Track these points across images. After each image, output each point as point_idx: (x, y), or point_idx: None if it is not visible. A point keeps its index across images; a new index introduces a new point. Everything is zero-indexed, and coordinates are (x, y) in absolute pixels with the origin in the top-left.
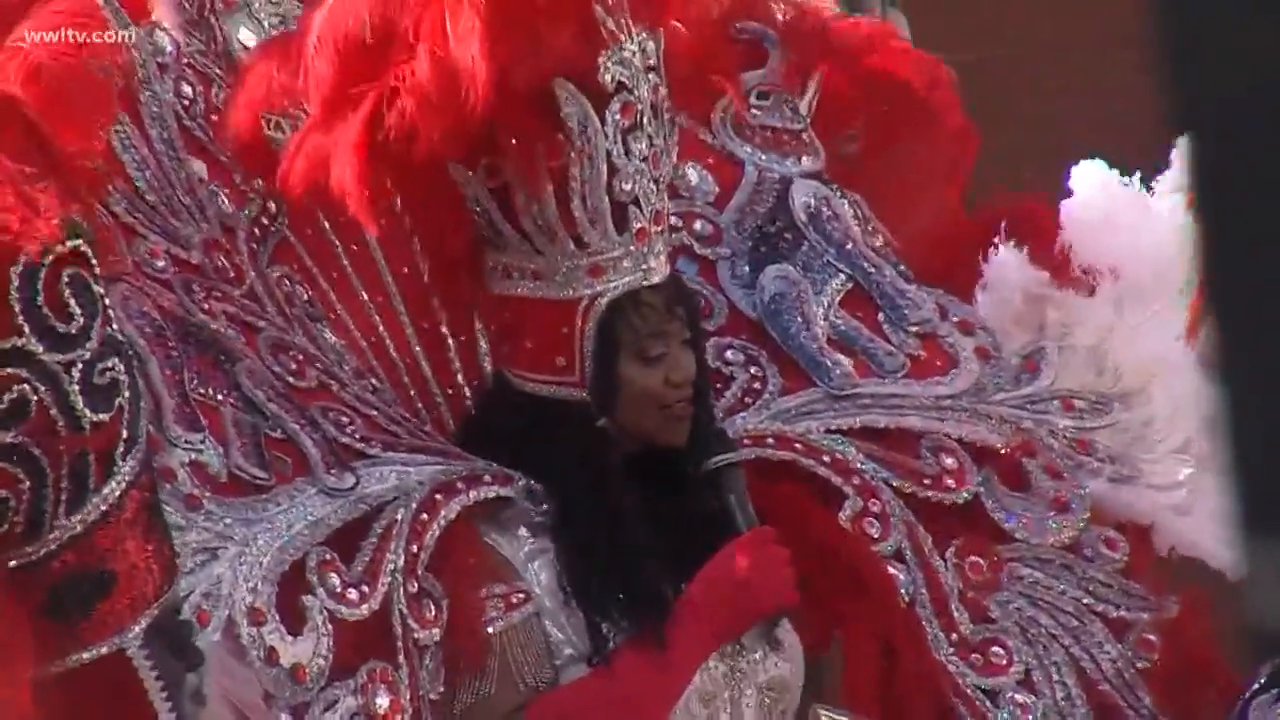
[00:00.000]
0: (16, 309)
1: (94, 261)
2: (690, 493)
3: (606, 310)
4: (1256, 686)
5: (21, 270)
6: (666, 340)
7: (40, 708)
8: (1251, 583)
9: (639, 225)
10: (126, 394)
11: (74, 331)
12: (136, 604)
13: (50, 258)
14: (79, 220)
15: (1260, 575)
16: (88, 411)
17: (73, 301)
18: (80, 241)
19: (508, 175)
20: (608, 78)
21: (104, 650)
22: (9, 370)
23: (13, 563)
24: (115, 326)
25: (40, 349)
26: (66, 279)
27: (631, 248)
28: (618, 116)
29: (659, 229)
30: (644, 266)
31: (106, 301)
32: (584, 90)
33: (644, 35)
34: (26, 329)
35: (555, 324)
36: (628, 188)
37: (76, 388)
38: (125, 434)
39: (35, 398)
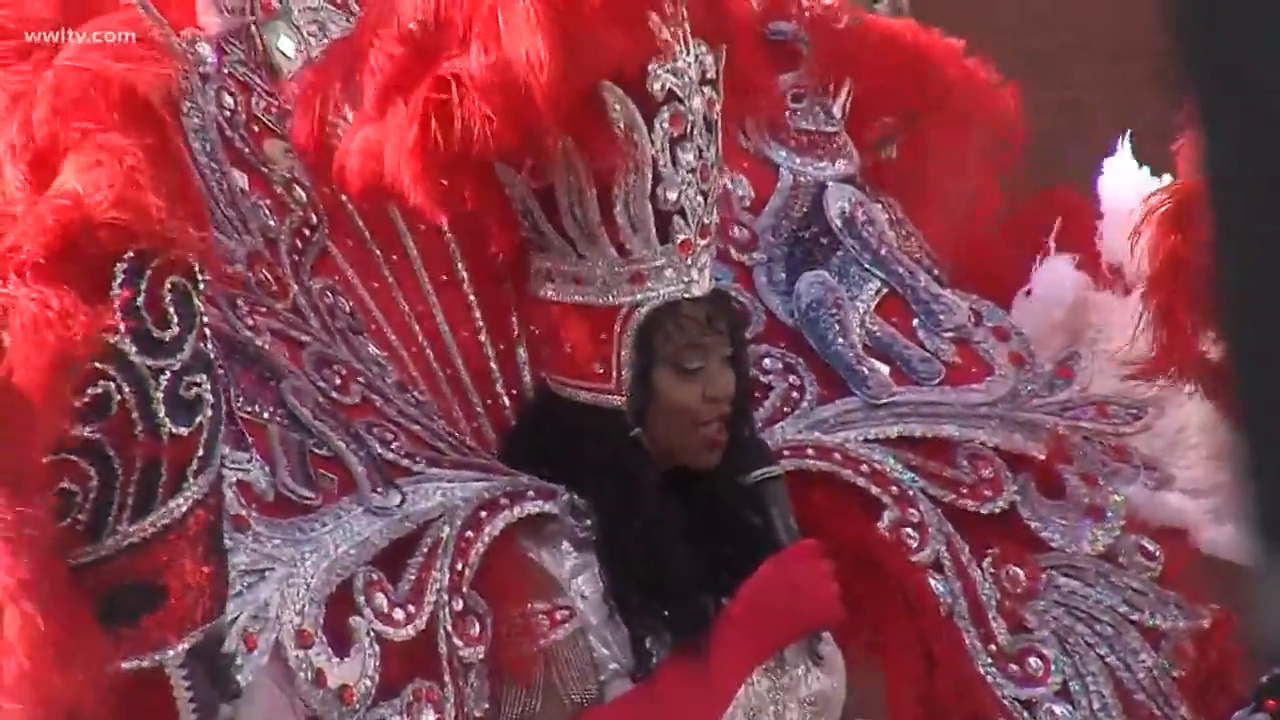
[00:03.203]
0: (116, 304)
1: (200, 276)
2: (732, 506)
3: (645, 319)
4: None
5: (127, 267)
6: (705, 354)
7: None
8: (1258, 598)
9: (683, 237)
10: (209, 413)
11: (168, 339)
12: (183, 623)
13: (158, 261)
14: (195, 233)
15: (1267, 591)
16: (168, 422)
17: (172, 309)
18: (192, 253)
19: (553, 177)
20: (657, 85)
21: (144, 663)
22: (98, 364)
23: (71, 561)
24: (209, 345)
25: (133, 350)
26: (169, 285)
27: (674, 258)
28: (666, 125)
29: (704, 242)
30: (686, 278)
31: (205, 318)
32: (633, 96)
33: (704, 49)
34: (122, 326)
35: (595, 330)
36: (673, 197)
37: (161, 395)
38: (201, 452)
39: (119, 397)
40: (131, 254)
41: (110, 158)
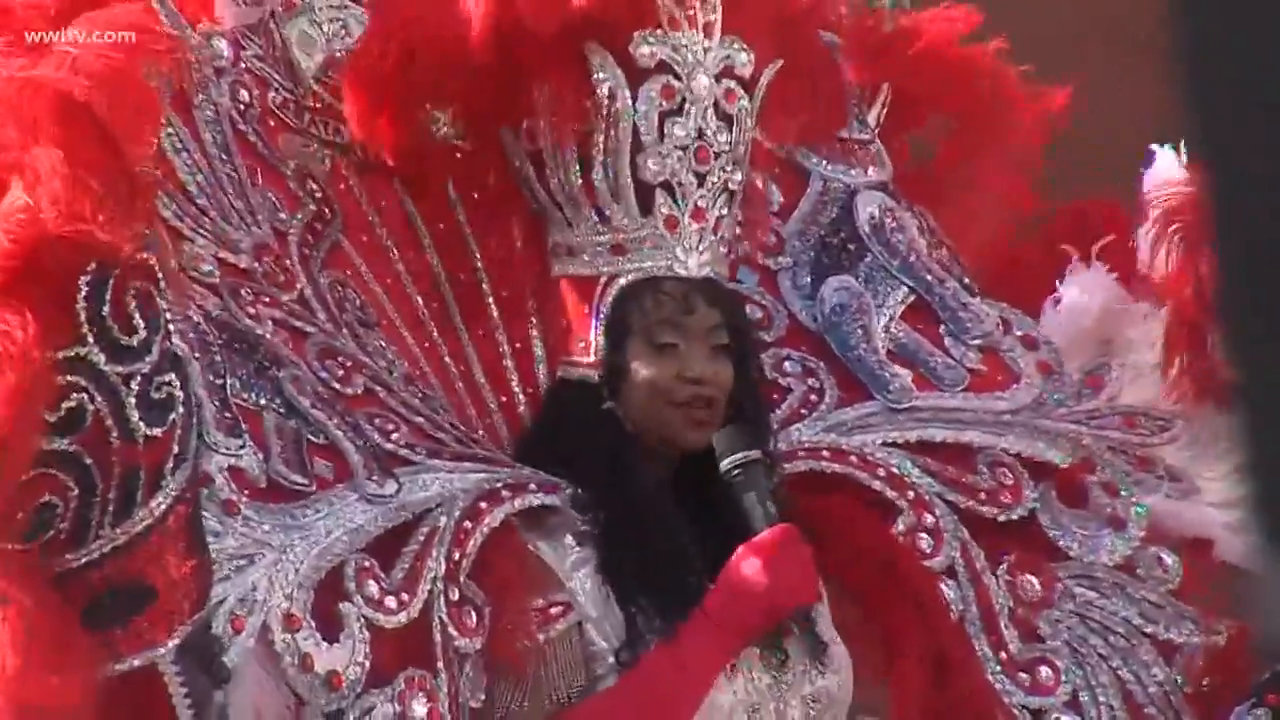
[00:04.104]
0: (82, 317)
1: (160, 275)
2: (710, 493)
3: (622, 291)
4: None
5: (90, 279)
6: (682, 333)
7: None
8: (1260, 596)
9: (669, 212)
10: (180, 410)
11: (136, 344)
12: (172, 619)
13: (119, 269)
14: (149, 232)
15: (1269, 589)
16: (142, 425)
17: (137, 314)
18: (149, 254)
19: (540, 137)
20: (644, 52)
21: (137, 663)
22: (70, 378)
23: (56, 570)
24: (175, 341)
25: (102, 359)
26: (133, 291)
27: (655, 231)
28: (654, 95)
29: (697, 225)
30: (670, 256)
31: (168, 316)
32: (618, 59)
33: (736, 45)
34: (90, 338)
35: (580, 303)
36: (654, 168)
37: (134, 400)
38: (176, 449)
39: (92, 408)
40: (93, 266)
41: (47, 172)
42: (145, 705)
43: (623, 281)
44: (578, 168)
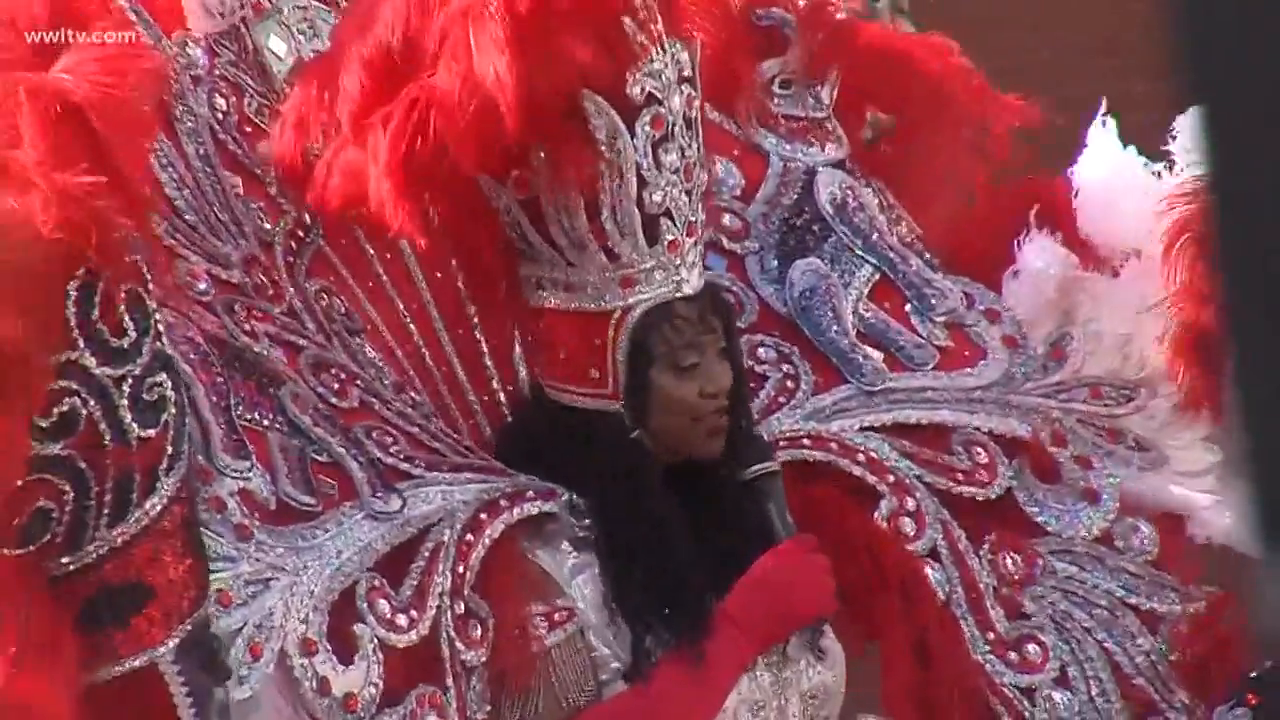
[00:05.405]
0: (72, 322)
1: (149, 277)
2: (730, 503)
3: (639, 322)
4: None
5: (79, 284)
6: (701, 351)
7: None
8: (1259, 588)
9: (671, 237)
10: (173, 410)
11: (126, 346)
12: (171, 618)
13: (108, 274)
14: (137, 236)
15: (1267, 581)
16: (135, 427)
17: (126, 317)
18: (138, 257)
19: (537, 188)
20: (637, 90)
21: (138, 663)
22: (62, 383)
23: (52, 573)
24: (165, 342)
25: (93, 363)
26: (122, 294)
27: (663, 259)
28: (648, 128)
29: (692, 240)
30: (676, 278)
31: (158, 318)
32: (613, 103)
33: (678, 46)
34: (80, 342)
35: (588, 336)
36: (658, 200)
37: (126, 403)
38: (170, 450)
39: (85, 411)
40: (82, 271)
41: (36, 177)
42: (146, 705)
43: (636, 313)
44: (583, 214)
